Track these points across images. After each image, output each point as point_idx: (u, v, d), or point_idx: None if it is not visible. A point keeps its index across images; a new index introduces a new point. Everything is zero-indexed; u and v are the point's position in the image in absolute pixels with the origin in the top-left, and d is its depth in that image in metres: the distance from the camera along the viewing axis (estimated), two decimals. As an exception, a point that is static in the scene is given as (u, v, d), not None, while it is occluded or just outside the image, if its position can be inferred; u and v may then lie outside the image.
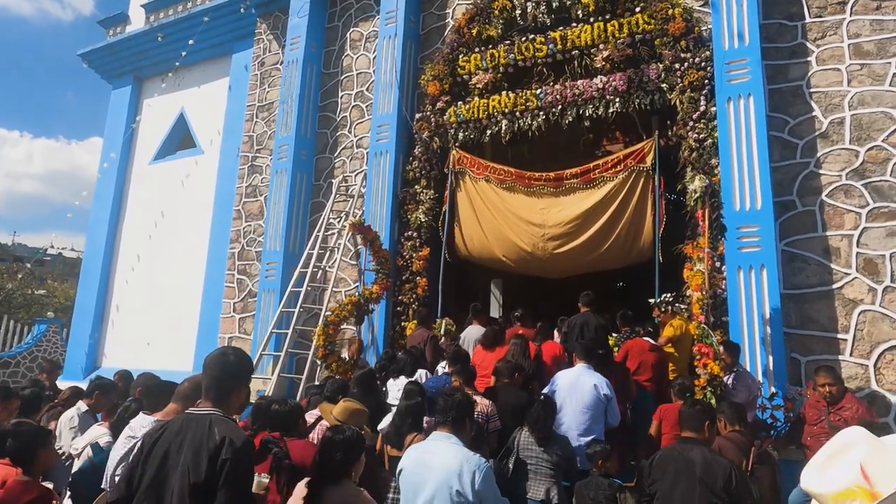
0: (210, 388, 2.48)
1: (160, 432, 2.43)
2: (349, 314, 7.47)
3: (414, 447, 3.16)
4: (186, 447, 2.32)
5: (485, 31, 8.45)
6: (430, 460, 2.92)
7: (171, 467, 2.32)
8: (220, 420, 2.40)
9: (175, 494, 2.27)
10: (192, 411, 2.48)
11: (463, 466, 2.81)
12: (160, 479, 2.33)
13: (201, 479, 2.24)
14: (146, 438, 2.47)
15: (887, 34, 6.35)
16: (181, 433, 2.37)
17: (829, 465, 1.47)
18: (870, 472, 1.37)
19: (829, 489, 1.42)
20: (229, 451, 2.27)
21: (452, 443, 2.97)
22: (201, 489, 2.23)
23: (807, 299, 6.19)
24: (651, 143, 7.42)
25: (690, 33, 7.04)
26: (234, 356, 2.56)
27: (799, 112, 6.61)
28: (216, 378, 2.48)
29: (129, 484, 2.37)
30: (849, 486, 1.38)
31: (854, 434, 1.51)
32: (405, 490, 2.97)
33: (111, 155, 12.97)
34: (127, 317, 11.98)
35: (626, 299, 9.00)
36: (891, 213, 6.01)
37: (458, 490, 2.77)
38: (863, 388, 5.77)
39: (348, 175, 9.50)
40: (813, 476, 1.49)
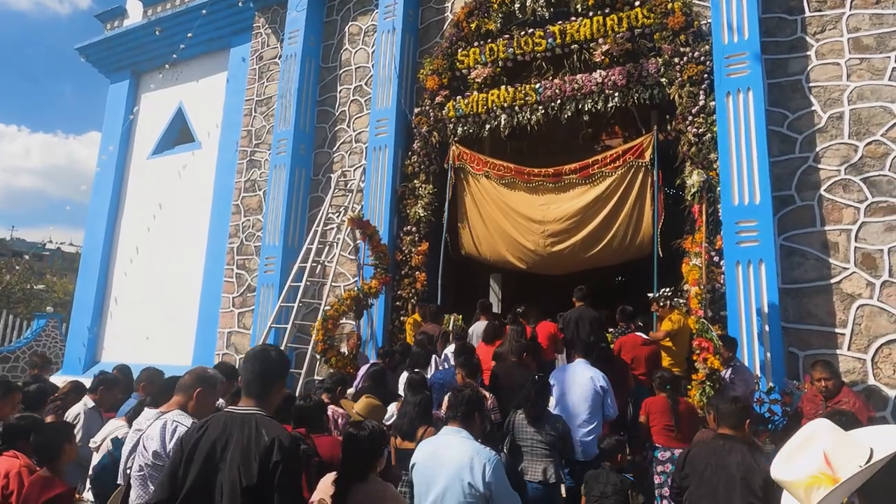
0: (252, 384, 2.45)
1: (201, 431, 2.38)
2: (348, 309, 7.48)
3: (426, 442, 3.23)
4: (233, 448, 2.29)
5: (484, 25, 8.42)
6: (442, 454, 2.99)
7: (218, 468, 2.29)
8: (266, 420, 2.38)
9: (225, 496, 2.23)
10: (234, 410, 2.44)
11: (474, 459, 2.88)
12: (206, 479, 2.29)
13: (254, 481, 2.21)
14: (186, 438, 2.42)
15: (887, 28, 6.34)
16: (225, 432, 2.33)
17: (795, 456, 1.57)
18: (832, 459, 1.47)
19: (796, 477, 1.52)
20: (280, 454, 2.25)
21: (463, 437, 3.05)
22: (253, 491, 2.21)
23: (805, 294, 6.20)
24: (650, 139, 7.42)
25: (690, 27, 7.03)
26: (275, 353, 2.57)
27: (798, 106, 6.60)
28: (258, 375, 2.45)
29: (173, 484, 2.33)
30: (814, 474, 1.48)
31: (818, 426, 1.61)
32: (418, 483, 3.03)
33: (109, 148, 12.94)
34: (126, 311, 11.99)
35: (626, 294, 9.02)
36: (889, 208, 6.02)
37: (469, 482, 2.84)
38: (860, 383, 5.79)
39: (347, 170, 9.49)
40: (781, 466, 1.58)
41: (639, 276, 8.22)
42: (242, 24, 11.51)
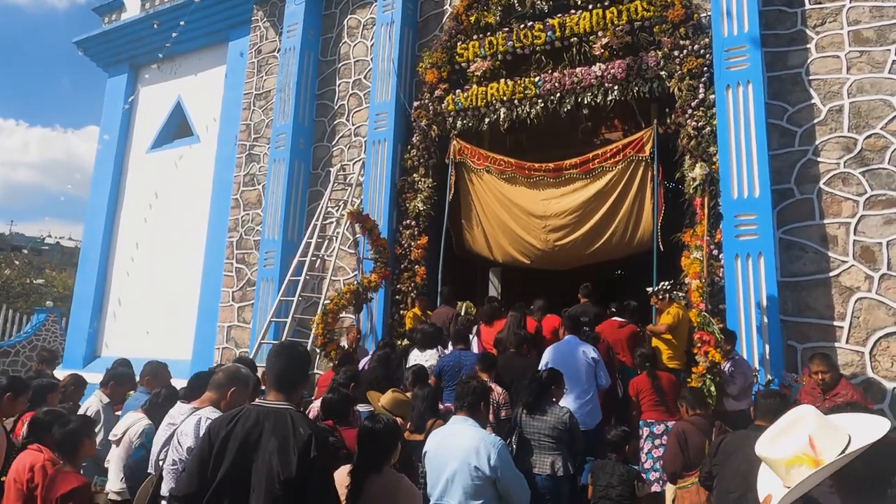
0: (279, 379, 2.50)
1: (231, 424, 2.40)
2: (348, 303, 7.49)
3: (436, 432, 3.39)
4: (268, 441, 2.32)
5: (483, 18, 8.39)
6: (451, 442, 3.17)
7: (252, 460, 2.32)
8: (300, 416, 2.44)
9: (261, 487, 2.27)
10: (265, 404, 2.47)
11: (480, 445, 3.06)
12: (239, 472, 2.32)
13: (293, 474, 2.26)
14: (214, 431, 2.44)
15: (887, 21, 6.32)
16: (258, 426, 2.37)
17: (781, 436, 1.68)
18: (816, 442, 1.58)
19: (780, 456, 1.62)
20: (318, 449, 2.31)
21: (470, 425, 3.22)
22: (291, 484, 2.26)
23: (804, 287, 6.21)
24: (650, 133, 7.41)
25: (690, 20, 7.01)
26: (302, 348, 2.68)
27: (798, 99, 6.59)
28: (287, 370, 2.51)
29: (202, 476, 2.35)
30: (797, 454, 1.60)
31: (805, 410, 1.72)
32: (430, 471, 3.21)
33: (105, 137, 12.91)
34: (126, 306, 12.00)
35: (626, 288, 9.04)
36: (888, 201, 6.02)
37: (476, 466, 3.02)
38: (859, 375, 5.81)
39: (346, 163, 9.48)
40: (766, 445, 1.69)
41: (638, 270, 8.23)
42: (240, 18, 11.46)
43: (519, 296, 8.81)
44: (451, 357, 5.76)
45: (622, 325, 6.54)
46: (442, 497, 3.11)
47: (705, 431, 4.28)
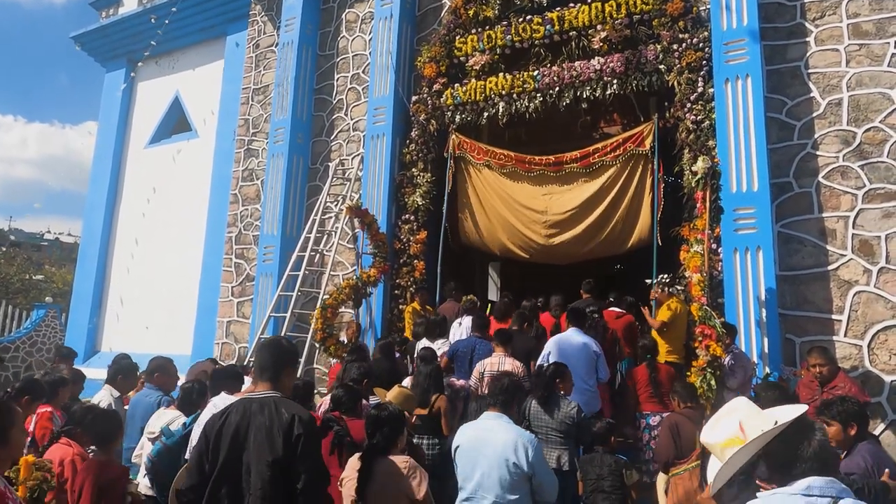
0: (265, 370, 2.69)
1: (223, 418, 2.59)
2: (347, 298, 7.49)
3: (468, 426, 3.49)
4: (256, 428, 2.50)
5: (481, 11, 8.36)
6: (487, 437, 3.28)
7: (244, 447, 2.49)
8: (283, 401, 2.61)
9: (253, 471, 2.45)
10: (253, 395, 2.66)
11: (517, 441, 3.19)
12: (233, 460, 2.49)
13: (279, 454, 2.44)
14: (209, 427, 2.61)
15: (886, 14, 6.30)
16: (246, 416, 2.54)
17: (718, 423, 2.04)
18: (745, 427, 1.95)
19: (717, 440, 2.00)
20: (300, 427, 2.47)
21: (505, 422, 3.35)
22: (279, 464, 2.43)
23: (802, 281, 6.22)
24: (650, 127, 7.40)
25: (689, 13, 6.99)
26: (285, 341, 2.89)
27: (797, 93, 6.58)
28: (270, 361, 2.71)
29: (201, 469, 2.53)
30: (730, 437, 1.97)
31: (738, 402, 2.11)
32: (463, 464, 3.31)
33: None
34: (125, 301, 12.00)
35: (625, 283, 9.05)
36: (887, 195, 6.02)
37: (514, 462, 3.14)
38: (857, 368, 5.83)
39: (345, 158, 9.47)
40: (707, 432, 2.07)
41: (637, 265, 8.23)
42: (238, 12, 11.42)
43: (518, 291, 8.81)
44: (466, 342, 5.93)
45: (619, 316, 6.70)
46: (477, 490, 3.22)
47: (697, 422, 4.36)
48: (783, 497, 1.82)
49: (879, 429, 5.59)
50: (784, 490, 1.85)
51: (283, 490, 2.43)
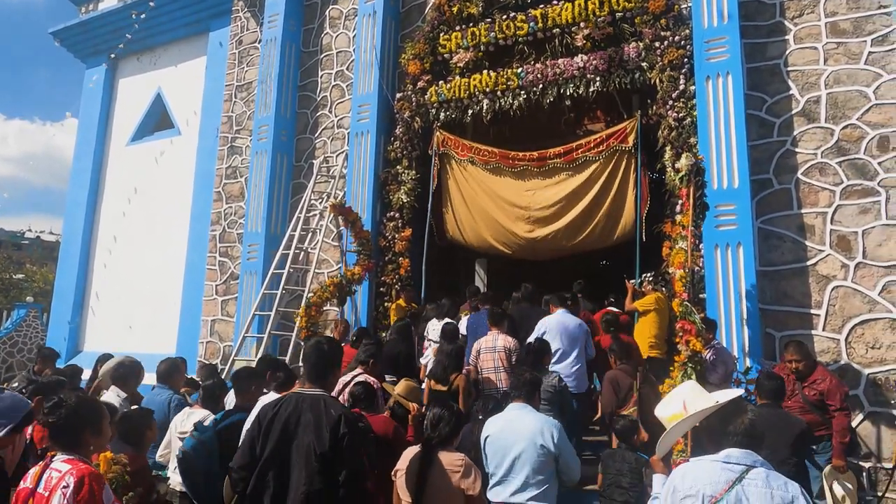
0: (311, 372, 3.02)
1: (276, 409, 2.90)
2: (331, 295, 7.48)
3: (496, 417, 3.77)
4: (305, 422, 2.80)
5: (465, 8, 8.36)
6: (515, 425, 3.59)
7: (292, 437, 2.80)
8: (332, 400, 2.93)
9: (301, 461, 2.74)
10: (302, 391, 2.98)
11: (543, 427, 3.53)
12: (282, 447, 2.79)
13: (326, 448, 2.73)
14: (262, 414, 2.94)
15: (863, 13, 6.39)
16: (297, 410, 2.85)
17: (667, 402, 2.63)
18: (688, 405, 2.50)
19: (665, 415, 2.58)
20: (346, 426, 2.77)
21: (529, 410, 3.68)
22: (325, 457, 2.73)
23: (782, 276, 6.30)
24: (633, 123, 7.45)
25: (670, 11, 7.04)
26: (327, 345, 3.14)
27: (776, 90, 6.66)
28: (316, 364, 3.02)
29: (252, 451, 2.85)
30: (675, 413, 2.53)
31: (685, 385, 2.77)
32: (494, 451, 3.58)
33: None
34: (107, 300, 11.87)
35: (610, 277, 9.12)
36: (864, 191, 6.12)
37: (542, 444, 3.47)
38: (835, 361, 5.92)
39: (329, 156, 9.43)
40: (659, 408, 2.66)
41: (623, 261, 8.30)
42: (221, 8, 11.31)
43: (506, 288, 8.84)
44: (475, 317, 6.51)
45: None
46: (508, 474, 3.50)
47: (631, 376, 5.22)
48: (707, 462, 2.25)
49: (858, 420, 5.69)
50: (710, 457, 2.27)
51: (325, 481, 2.70)
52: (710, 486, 2.16)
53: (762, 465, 2.17)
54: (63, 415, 2.42)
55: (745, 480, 2.13)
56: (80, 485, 2.27)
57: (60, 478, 2.29)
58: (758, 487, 2.12)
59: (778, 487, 2.14)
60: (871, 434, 5.63)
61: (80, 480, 2.28)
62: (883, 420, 5.63)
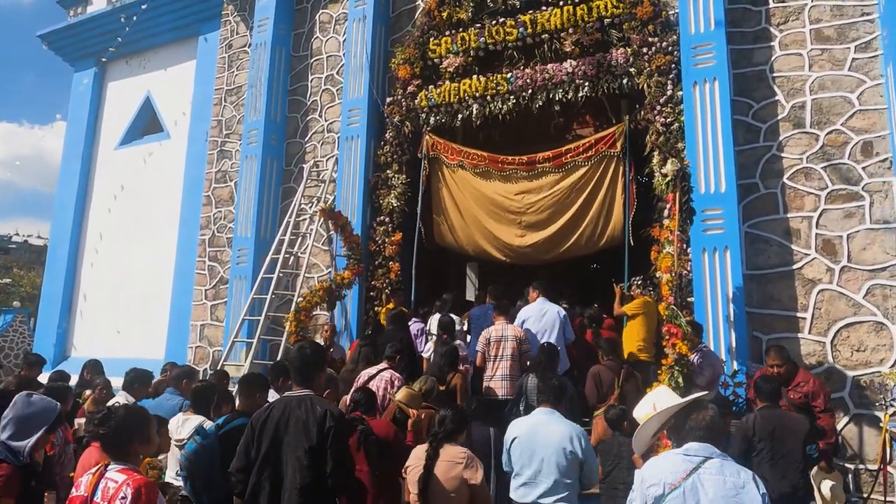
0: (297, 375, 3.24)
1: (267, 412, 3.12)
2: (321, 300, 7.47)
3: (522, 420, 4.03)
4: (294, 421, 3.01)
5: (455, 14, 8.39)
6: (543, 430, 3.80)
7: (283, 437, 3.01)
8: (317, 398, 3.15)
9: (291, 457, 2.96)
10: (290, 394, 3.17)
11: (572, 433, 3.77)
12: (275, 447, 3.01)
13: (314, 442, 2.94)
14: (255, 419, 3.16)
15: (847, 20, 6.48)
16: (286, 412, 3.06)
17: (641, 405, 3.00)
18: (657, 406, 2.84)
19: (639, 415, 2.95)
20: (332, 420, 2.99)
21: (557, 416, 3.90)
22: (314, 450, 2.94)
23: (768, 279, 6.36)
24: (621, 129, 7.50)
25: (658, 17, 7.10)
26: (309, 349, 3.33)
27: (763, 96, 6.73)
28: (300, 368, 3.24)
29: (248, 455, 3.08)
30: (647, 414, 2.88)
31: (658, 389, 3.14)
32: (521, 454, 3.79)
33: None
34: (96, 305, 11.79)
35: (598, 282, 9.16)
36: (848, 195, 6.19)
37: (570, 450, 3.70)
38: (821, 364, 5.99)
39: (319, 160, 9.43)
40: (635, 410, 3.03)
41: (613, 265, 8.35)
42: (211, 12, 11.29)
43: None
44: (481, 309, 6.83)
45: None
46: (536, 475, 3.71)
47: (615, 372, 5.41)
48: (671, 455, 2.56)
49: (843, 422, 5.75)
50: (674, 451, 2.58)
51: (315, 472, 2.93)
52: (670, 475, 2.43)
53: (718, 457, 2.45)
54: (113, 426, 2.52)
55: (702, 469, 2.40)
56: (138, 495, 2.37)
57: (118, 488, 2.38)
58: (712, 475, 2.38)
59: (730, 475, 2.40)
60: (856, 436, 5.70)
61: (137, 491, 2.37)
62: (867, 422, 5.69)
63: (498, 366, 5.81)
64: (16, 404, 2.92)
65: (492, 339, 5.88)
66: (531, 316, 6.24)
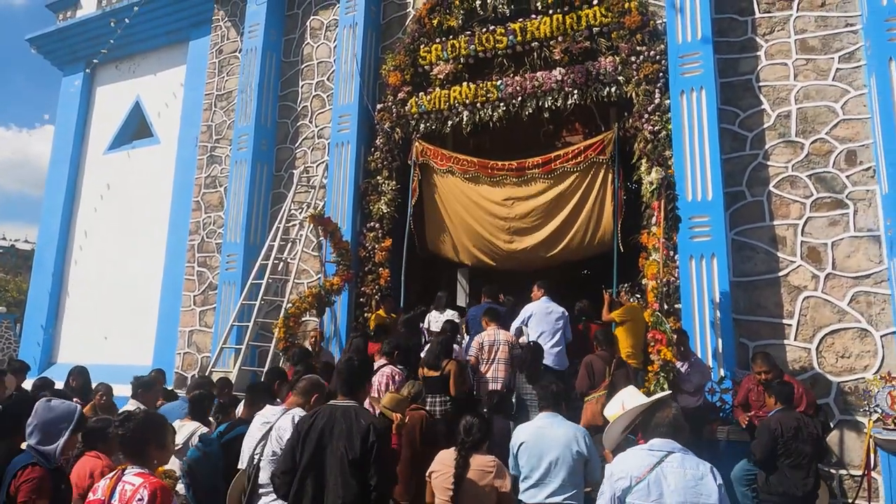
0: (343, 385, 3.34)
1: (312, 419, 3.22)
2: (310, 306, 7.46)
3: (527, 425, 4.17)
4: (338, 431, 3.12)
5: (445, 21, 8.44)
6: (548, 433, 3.97)
7: (327, 445, 3.11)
8: (362, 410, 3.27)
9: (335, 465, 3.05)
10: (336, 403, 3.29)
11: (577, 434, 3.97)
12: (319, 454, 3.11)
13: (357, 455, 3.04)
14: (300, 425, 3.27)
15: (831, 30, 6.58)
16: (331, 420, 3.17)
17: (611, 404, 3.21)
18: (626, 405, 3.05)
19: (609, 414, 3.15)
20: (375, 435, 3.09)
21: (561, 419, 4.07)
22: (357, 462, 3.04)
23: (755, 286, 6.42)
24: (611, 136, 7.56)
25: (646, 27, 7.17)
26: (357, 361, 3.51)
27: (749, 105, 6.81)
28: (347, 379, 3.35)
29: (293, 458, 3.16)
30: (616, 412, 3.07)
31: (626, 390, 3.29)
32: (529, 456, 3.93)
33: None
34: (83, 311, 11.68)
35: (589, 287, 9.17)
36: (833, 203, 6.27)
37: (577, 450, 3.88)
38: (806, 371, 6.04)
39: (310, 165, 9.42)
40: (606, 409, 3.23)
41: (604, 270, 8.38)
42: (201, 17, 11.28)
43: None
44: (478, 308, 7.07)
45: None
46: (545, 477, 3.86)
47: (607, 362, 5.62)
48: (637, 450, 2.74)
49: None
50: (640, 446, 2.77)
51: (357, 482, 3.02)
52: (636, 469, 2.63)
53: (680, 451, 2.65)
54: (131, 428, 2.60)
55: (664, 463, 2.62)
56: (154, 498, 2.43)
57: (134, 491, 2.45)
58: (674, 468, 2.60)
59: (690, 467, 2.61)
60: (841, 442, 5.75)
61: (153, 494, 2.44)
62: (852, 428, 5.75)
63: (490, 368, 6.09)
64: (37, 411, 3.00)
65: (485, 344, 6.15)
66: (536, 313, 6.50)
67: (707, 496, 2.55)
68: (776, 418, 4.57)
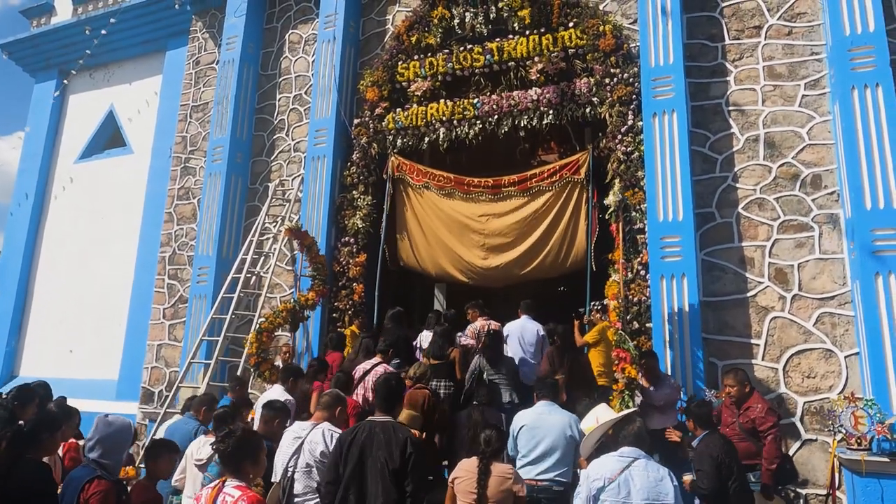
0: (382, 403, 3.83)
1: (353, 434, 3.62)
2: (283, 321, 7.37)
3: (527, 412, 4.71)
4: (378, 443, 3.50)
5: (424, 39, 8.50)
6: (546, 419, 4.55)
7: (367, 458, 3.48)
8: (399, 425, 3.72)
9: (377, 476, 3.43)
10: (376, 419, 3.71)
11: (570, 421, 4.52)
12: (360, 466, 3.48)
13: (397, 465, 3.44)
14: (342, 439, 3.66)
15: (797, 58, 6.78)
16: (371, 434, 3.56)
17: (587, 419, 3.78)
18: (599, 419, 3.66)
19: (584, 427, 3.77)
20: (412, 447, 3.50)
21: (556, 407, 4.66)
22: (396, 472, 3.43)
23: (724, 306, 6.52)
24: (586, 156, 7.66)
25: (620, 50, 7.31)
26: (394, 381, 4.04)
27: (719, 128, 6.96)
28: (385, 397, 3.84)
29: (337, 470, 3.55)
30: (591, 426, 3.70)
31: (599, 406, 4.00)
32: (527, 440, 4.51)
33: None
34: (48, 323, 11.38)
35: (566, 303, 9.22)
36: (799, 226, 6.41)
37: (570, 434, 4.44)
38: (773, 390, 6.13)
39: (285, 179, 9.36)
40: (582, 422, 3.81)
41: (580, 288, 8.44)
42: (179, 28, 11.21)
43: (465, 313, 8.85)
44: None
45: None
46: (541, 458, 4.41)
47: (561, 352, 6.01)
48: (608, 457, 3.32)
49: (794, 447, 5.88)
50: (611, 453, 3.34)
51: (397, 491, 3.39)
52: (609, 472, 3.23)
53: (644, 458, 3.26)
54: (231, 444, 2.79)
55: (632, 467, 3.21)
56: None
57: (234, 502, 2.65)
58: (639, 471, 3.21)
59: (652, 471, 3.23)
60: (807, 461, 5.83)
61: None
62: (818, 447, 5.83)
63: None
64: (97, 426, 3.22)
65: (480, 332, 6.68)
66: (513, 331, 6.92)
67: (665, 495, 3.17)
68: (706, 443, 4.36)
